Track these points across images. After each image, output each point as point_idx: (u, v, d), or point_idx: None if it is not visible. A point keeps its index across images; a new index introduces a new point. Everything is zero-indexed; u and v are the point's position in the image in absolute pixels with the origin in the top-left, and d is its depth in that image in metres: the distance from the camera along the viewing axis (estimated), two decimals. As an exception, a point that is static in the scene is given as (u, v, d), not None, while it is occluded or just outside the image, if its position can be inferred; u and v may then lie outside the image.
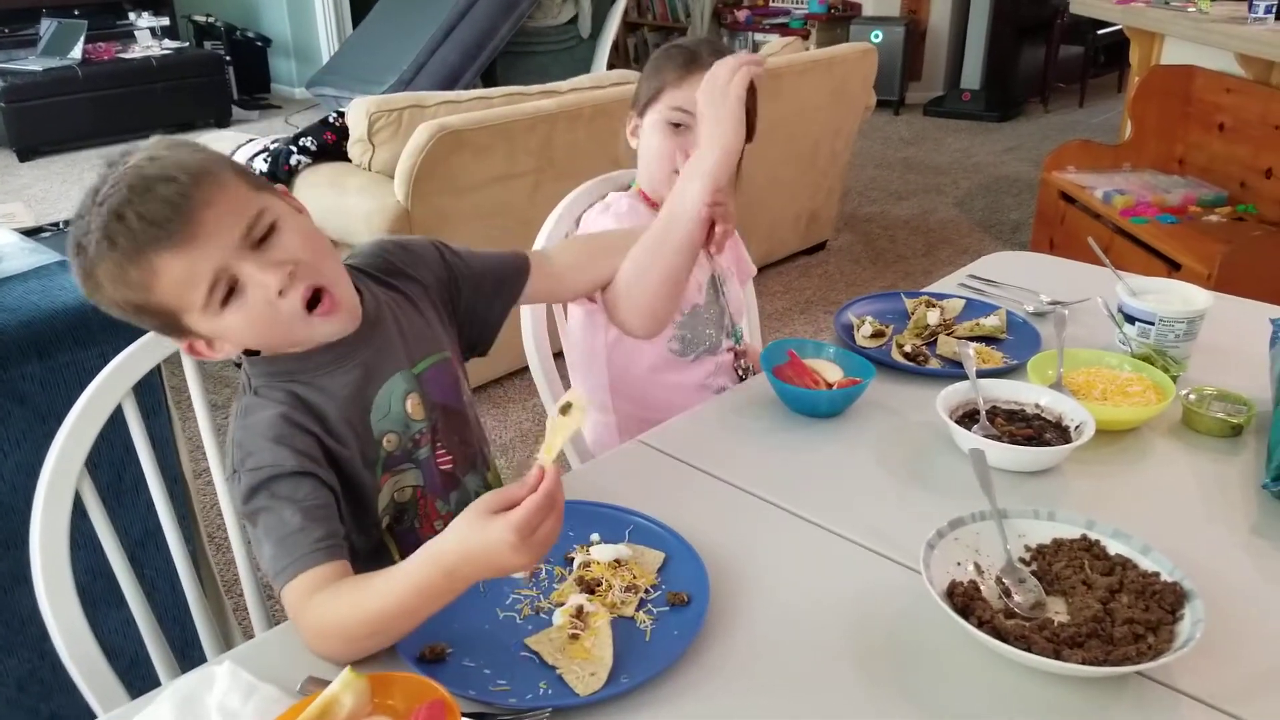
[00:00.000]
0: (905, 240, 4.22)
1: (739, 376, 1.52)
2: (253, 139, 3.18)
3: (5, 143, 5.56)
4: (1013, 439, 1.13)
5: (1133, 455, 1.17)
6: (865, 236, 4.27)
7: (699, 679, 0.82)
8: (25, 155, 5.54)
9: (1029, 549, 0.95)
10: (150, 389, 1.37)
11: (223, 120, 6.28)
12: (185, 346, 0.97)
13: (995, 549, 0.93)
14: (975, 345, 1.36)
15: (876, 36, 6.10)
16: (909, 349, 1.38)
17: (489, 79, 5.10)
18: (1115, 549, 0.92)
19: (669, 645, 0.84)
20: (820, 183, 3.83)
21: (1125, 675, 0.81)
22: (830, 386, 1.26)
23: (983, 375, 1.24)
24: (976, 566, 0.92)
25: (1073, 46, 6.69)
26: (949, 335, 1.43)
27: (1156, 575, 0.88)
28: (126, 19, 6.42)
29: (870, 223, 4.44)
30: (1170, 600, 0.85)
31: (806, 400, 1.24)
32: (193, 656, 1.23)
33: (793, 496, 1.07)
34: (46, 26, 5.89)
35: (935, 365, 1.36)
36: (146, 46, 6.19)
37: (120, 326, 1.26)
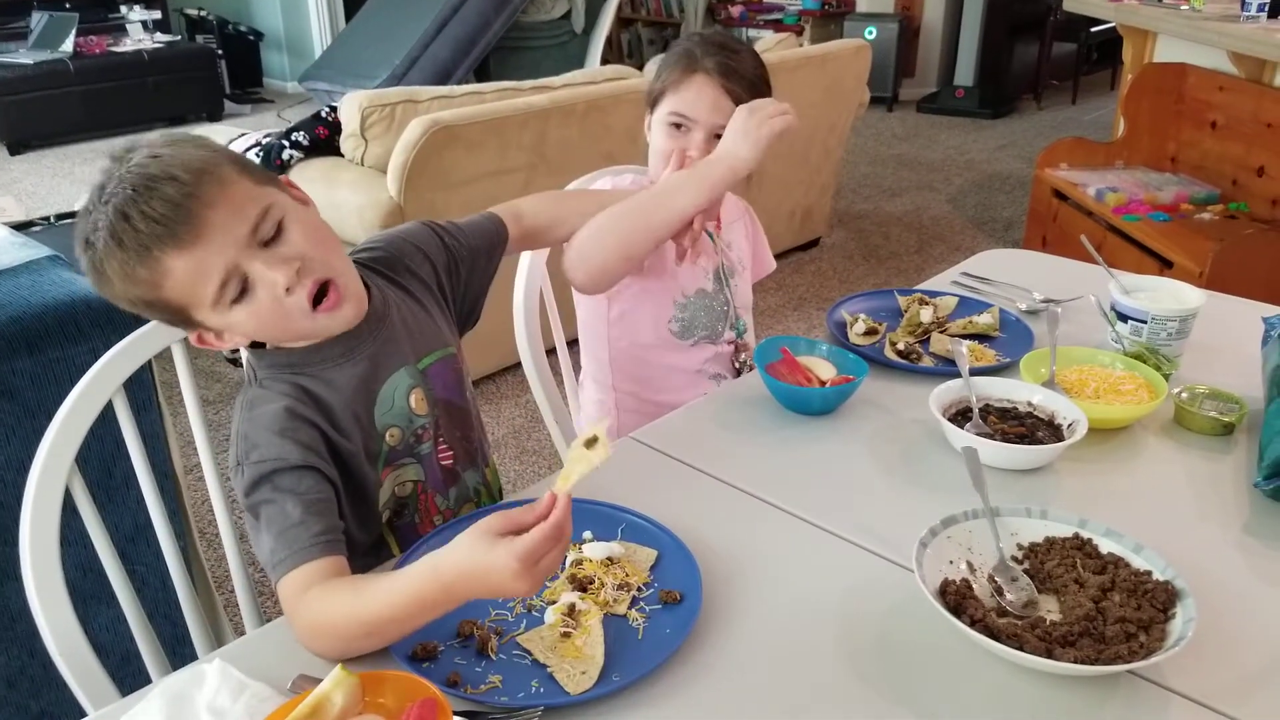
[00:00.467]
0: (898, 237, 4.22)
1: (736, 370, 1.52)
2: (245, 133, 3.17)
3: (-4, 136, 5.54)
4: (1005, 437, 1.13)
5: (1125, 454, 1.17)
6: (858, 233, 4.27)
7: (691, 677, 0.82)
8: (16, 149, 5.52)
9: (1021, 547, 0.95)
10: (141, 385, 1.36)
11: (215, 114, 6.26)
12: (195, 337, 0.97)
13: (988, 547, 0.93)
14: (968, 343, 1.37)
15: (870, 33, 6.10)
16: (902, 346, 1.39)
17: (482, 74, 5.09)
18: (1107, 547, 0.92)
19: (661, 643, 0.84)
20: (814, 179, 3.83)
21: (1117, 674, 0.81)
22: (823, 384, 1.26)
23: (976, 373, 1.24)
24: (969, 565, 0.92)
25: (1066, 44, 6.70)
26: (942, 333, 1.43)
27: (1148, 574, 0.88)
28: (118, 12, 6.39)
29: (863, 219, 4.44)
30: (1162, 599, 0.85)
31: (799, 398, 1.24)
32: (183, 654, 1.22)
33: (785, 494, 1.07)
34: (37, 19, 5.86)
35: (928, 363, 1.36)
36: (138, 40, 6.16)
37: (111, 322, 1.26)
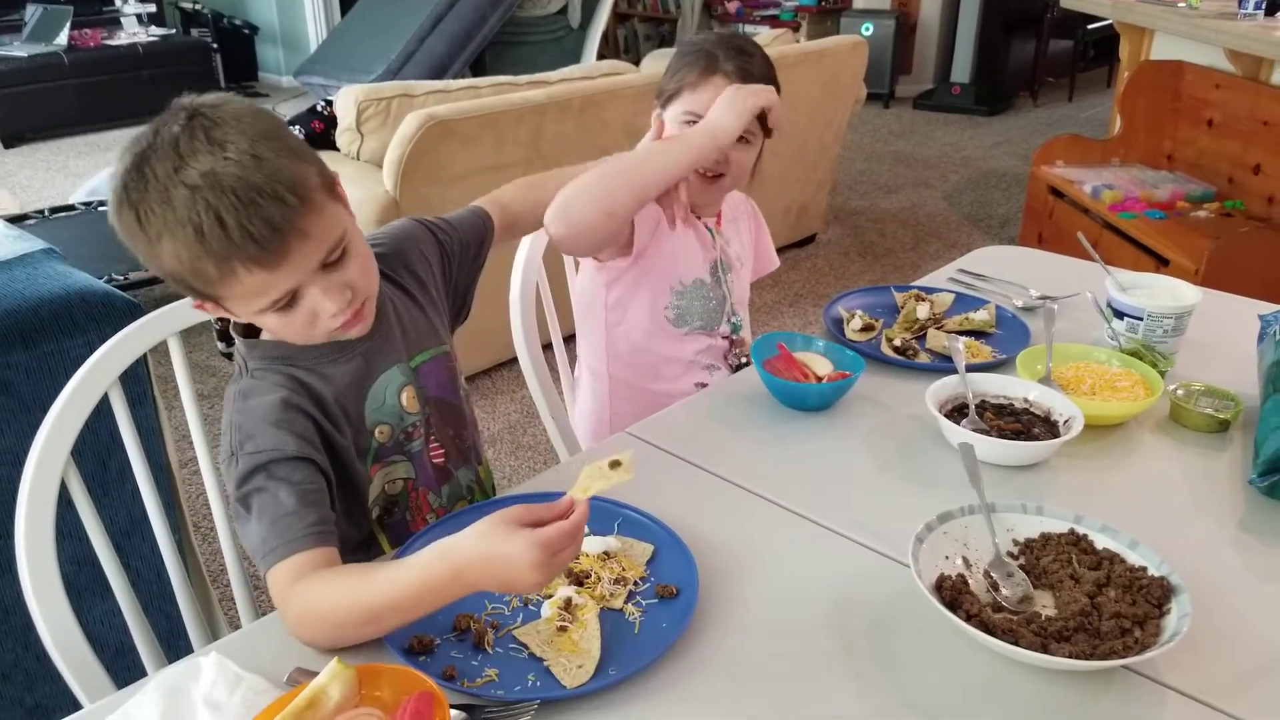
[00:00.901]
0: (894, 234, 4.22)
1: (731, 366, 1.52)
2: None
3: (-10, 129, 5.52)
4: (1001, 433, 1.14)
5: (1121, 450, 1.17)
6: (855, 230, 4.27)
7: (687, 671, 0.82)
8: (10, 142, 5.50)
9: (1017, 543, 0.95)
10: (136, 378, 1.36)
11: (210, 108, 6.23)
12: (195, 305, 0.96)
13: (983, 543, 0.93)
14: (964, 339, 1.37)
15: (867, 29, 6.09)
16: (898, 343, 1.39)
17: (478, 69, 5.08)
18: (1103, 543, 0.92)
19: (657, 637, 0.84)
20: (810, 176, 3.83)
21: (1112, 669, 0.81)
22: (820, 380, 1.26)
23: (972, 369, 1.25)
24: (965, 560, 0.92)
25: (1062, 41, 6.69)
26: (938, 329, 1.43)
27: (1144, 570, 0.88)
28: (113, 5, 6.37)
29: (860, 216, 4.44)
30: (1157, 594, 0.85)
31: (796, 393, 1.24)
32: (179, 647, 1.22)
33: (782, 490, 1.07)
34: (32, 12, 5.84)
35: (925, 359, 1.36)
36: (133, 33, 6.14)
37: (106, 315, 1.25)
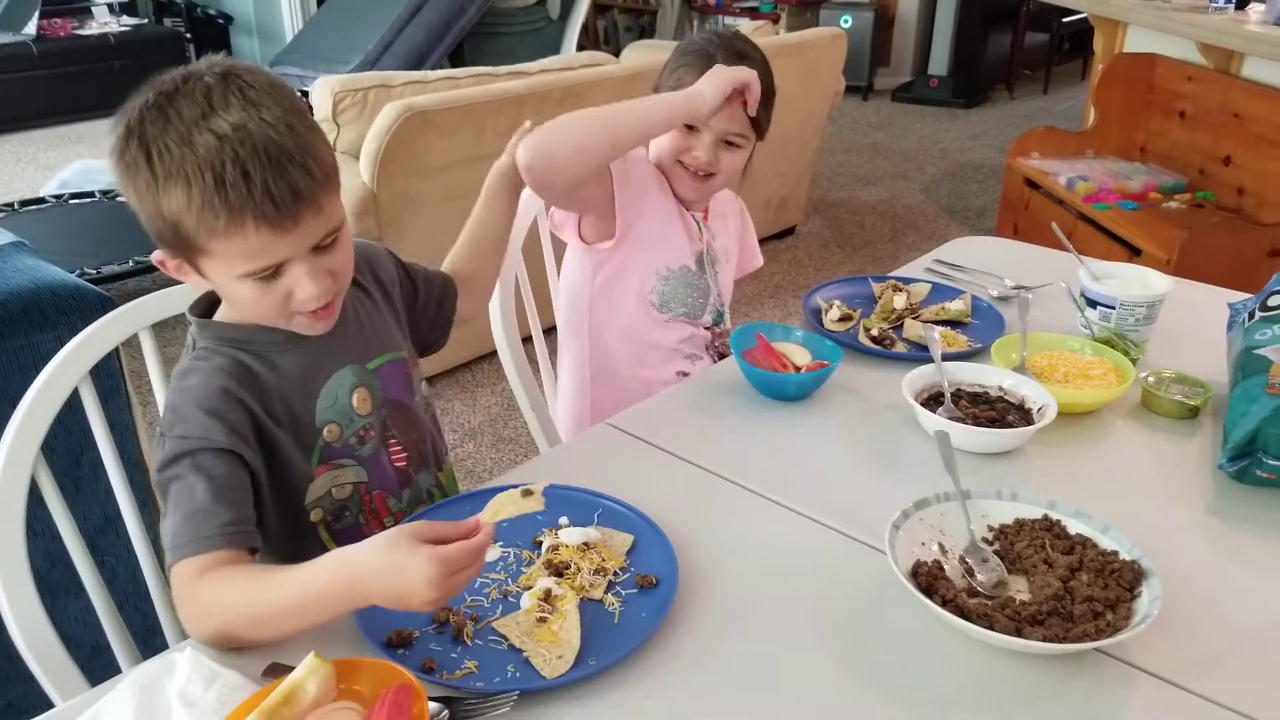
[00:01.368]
0: (873, 225, 4.24)
1: (714, 356, 1.52)
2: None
3: (-43, 121, 5.43)
4: (976, 421, 1.14)
5: (1093, 437, 1.18)
6: (834, 221, 4.29)
7: (666, 660, 0.82)
8: (-22, 134, 5.42)
9: (992, 529, 0.96)
10: (108, 373, 1.34)
11: (183, 100, 6.16)
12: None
13: (959, 529, 0.94)
14: (941, 329, 1.37)
15: (846, 22, 6.10)
16: (876, 332, 1.39)
17: (456, 60, 5.05)
18: (1076, 528, 0.93)
19: (637, 627, 0.84)
20: (790, 168, 3.84)
21: (1085, 652, 0.82)
22: (798, 370, 1.27)
23: (948, 358, 1.25)
24: (940, 546, 0.93)
25: (1038, 34, 6.73)
26: (915, 319, 1.43)
27: (1115, 554, 0.89)
28: (83, -6, 6.28)
29: (839, 207, 4.46)
30: (1129, 578, 0.86)
31: (775, 383, 1.24)
32: (154, 644, 1.21)
33: (760, 479, 1.08)
34: (-1, 2, 5.75)
35: (901, 349, 1.37)
36: (104, 23, 6.06)
37: (77, 309, 1.23)
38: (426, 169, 2.58)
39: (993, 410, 1.17)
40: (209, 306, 1.01)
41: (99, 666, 1.01)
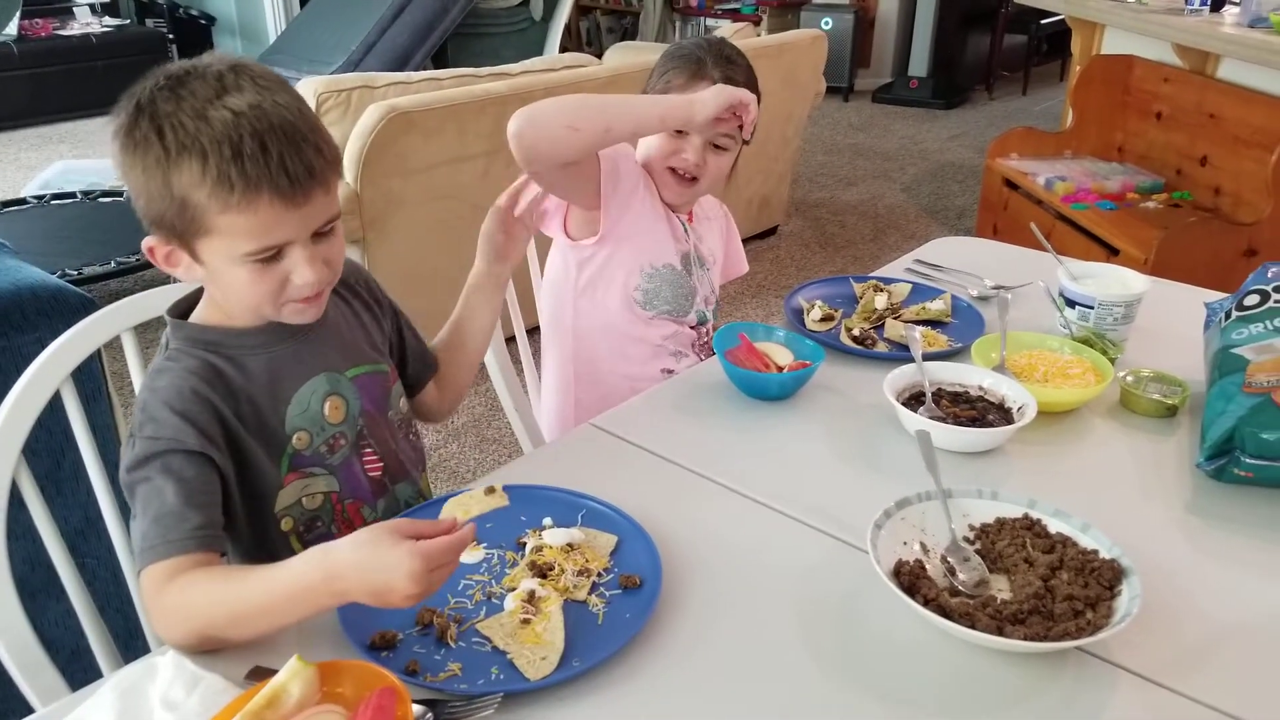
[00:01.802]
0: (854, 225, 4.26)
1: (700, 355, 1.52)
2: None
3: (-64, 121, 5.37)
4: (957, 420, 1.15)
5: (1073, 436, 1.19)
6: (815, 221, 4.30)
7: (650, 661, 0.82)
8: (-43, 135, 5.36)
9: (973, 528, 0.97)
10: (90, 374, 1.33)
11: (164, 101, 6.12)
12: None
13: (940, 528, 0.95)
14: (921, 329, 1.38)
15: (826, 23, 6.13)
16: (857, 332, 1.40)
17: (440, 61, 5.04)
18: (1056, 527, 0.94)
19: (621, 628, 0.85)
20: (771, 168, 3.85)
21: (1066, 650, 0.83)
22: (780, 369, 1.27)
23: (928, 358, 1.26)
24: (922, 546, 0.94)
25: (1017, 35, 6.78)
26: (896, 319, 1.44)
27: (1095, 553, 0.90)
28: (63, -6, 6.23)
29: (820, 208, 4.47)
30: (1108, 577, 0.87)
31: (757, 383, 1.25)
32: (136, 648, 1.20)
33: (743, 478, 1.08)
34: (-23, 1, 5.69)
35: (883, 348, 1.38)
36: (86, 23, 6.01)
37: (59, 311, 1.22)
38: (409, 170, 2.58)
39: (973, 410, 1.18)
40: (187, 309, 1.01)
41: (79, 670, 1.00)
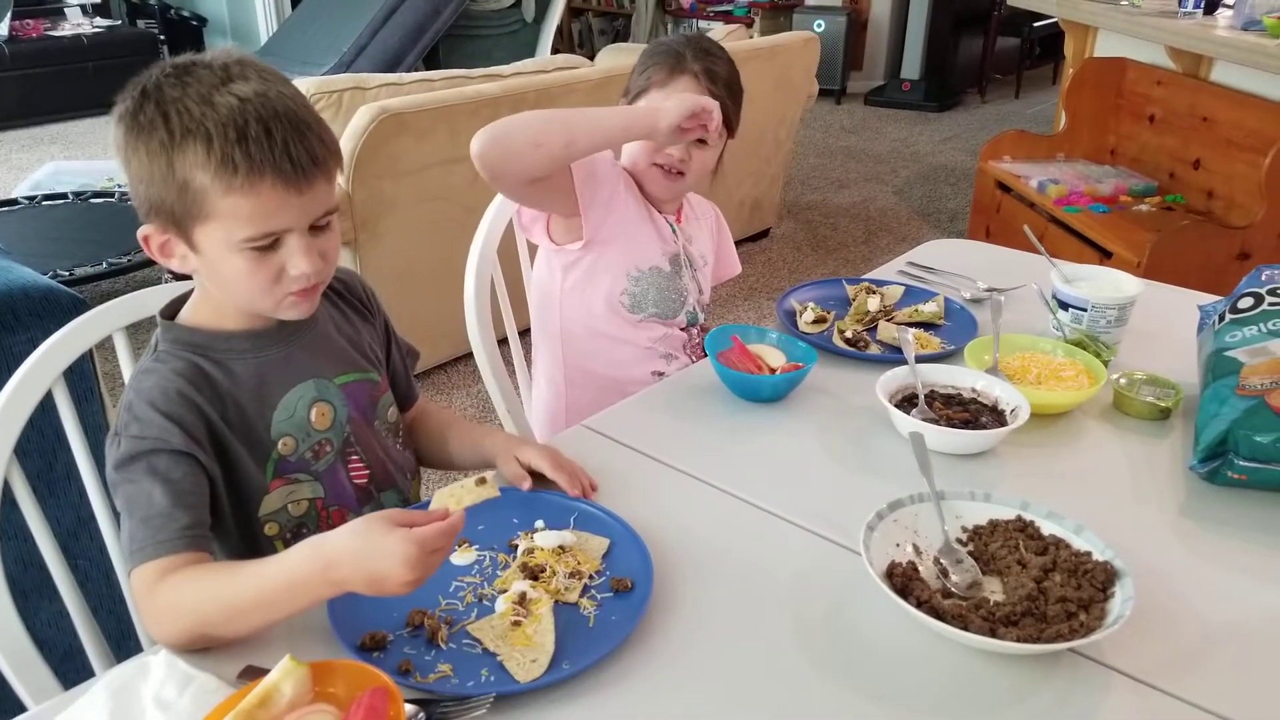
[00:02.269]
0: (846, 228, 4.26)
1: (692, 356, 1.52)
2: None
3: (-74, 122, 5.36)
4: (950, 422, 1.15)
5: (1066, 438, 1.20)
6: (807, 224, 4.31)
7: (641, 664, 0.82)
8: (-53, 135, 5.35)
9: (966, 530, 0.97)
10: (82, 375, 1.33)
11: (156, 101, 6.10)
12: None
13: (933, 530, 0.95)
14: (914, 331, 1.39)
15: (819, 26, 6.14)
16: (850, 335, 1.40)
17: (431, 62, 5.03)
18: (1049, 529, 0.94)
19: (611, 631, 0.85)
20: (764, 170, 3.86)
21: (1059, 652, 0.83)
22: (773, 371, 1.27)
23: (921, 360, 1.26)
24: (915, 547, 0.94)
25: (1009, 38, 6.81)
26: (889, 321, 1.45)
27: (1088, 554, 0.90)
28: (54, -5, 6.22)
29: (812, 210, 4.48)
30: (1101, 579, 0.87)
31: (750, 385, 1.25)
32: (128, 648, 1.20)
33: (736, 480, 1.08)
34: (-32, 1, 5.67)
35: (875, 350, 1.38)
36: (77, 24, 6.00)
37: (50, 311, 1.22)
38: (401, 171, 2.57)
39: (966, 412, 1.18)
40: (177, 311, 1.00)
41: (72, 670, 1.00)
